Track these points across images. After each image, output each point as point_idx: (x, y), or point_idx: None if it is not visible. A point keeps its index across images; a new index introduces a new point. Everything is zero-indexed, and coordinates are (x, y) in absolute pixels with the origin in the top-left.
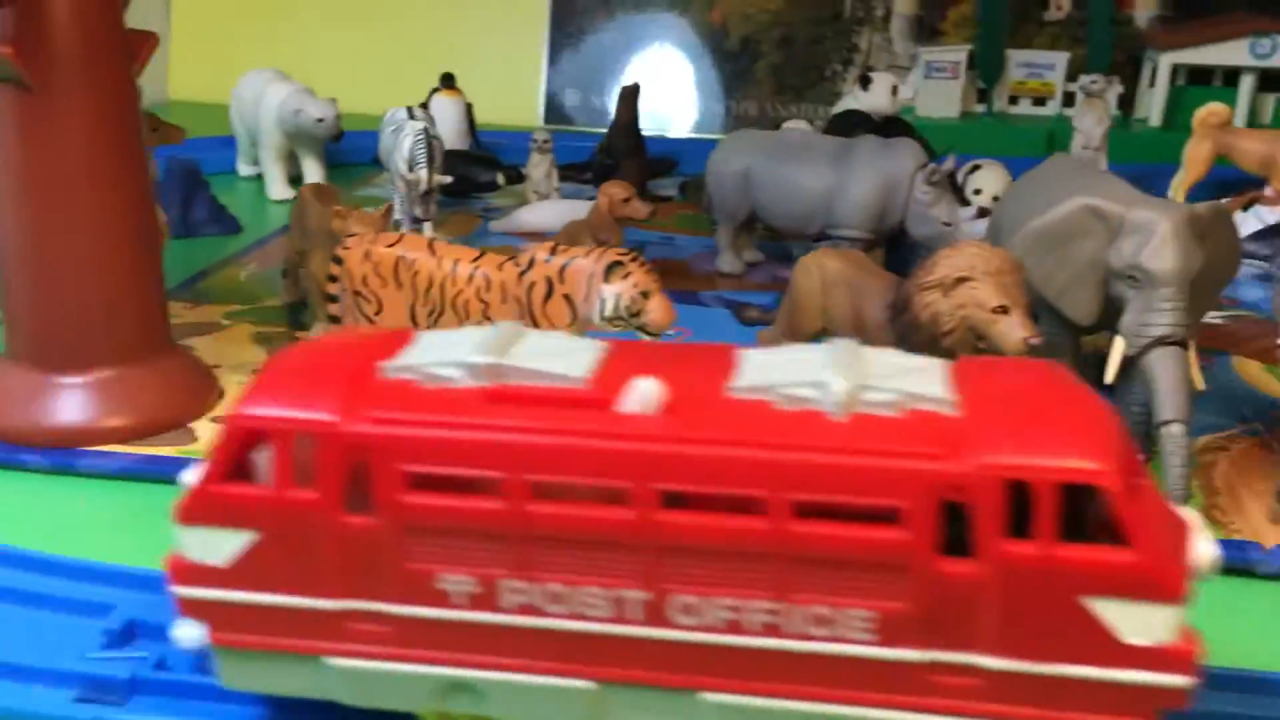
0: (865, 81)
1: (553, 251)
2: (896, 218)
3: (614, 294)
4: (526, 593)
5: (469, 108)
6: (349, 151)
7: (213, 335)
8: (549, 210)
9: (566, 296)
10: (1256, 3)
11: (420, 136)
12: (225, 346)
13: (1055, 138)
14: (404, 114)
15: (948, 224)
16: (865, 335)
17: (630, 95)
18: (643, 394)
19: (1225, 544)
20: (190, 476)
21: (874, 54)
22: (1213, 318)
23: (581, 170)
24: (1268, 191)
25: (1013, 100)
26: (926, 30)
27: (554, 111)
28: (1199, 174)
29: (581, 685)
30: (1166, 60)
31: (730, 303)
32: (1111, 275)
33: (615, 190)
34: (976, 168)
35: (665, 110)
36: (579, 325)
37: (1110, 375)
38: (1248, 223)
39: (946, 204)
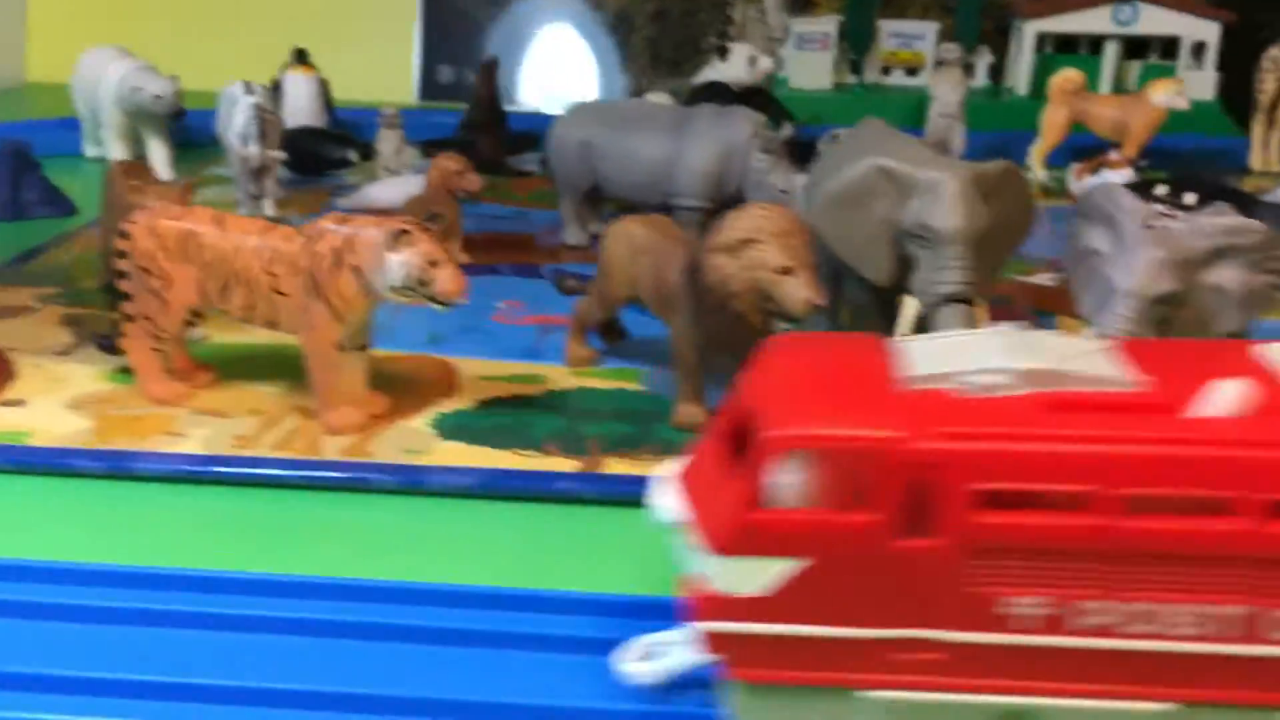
0: (723, 52)
1: (341, 222)
2: (735, 186)
3: (400, 264)
4: (1107, 613)
5: (324, 84)
6: (202, 130)
7: (20, 318)
8: (397, 186)
9: (355, 268)
10: None
11: (252, 112)
12: (30, 329)
13: (925, 107)
14: (240, 89)
15: (784, 191)
16: (666, 301)
17: (488, 69)
18: (1228, 396)
19: None
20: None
21: (749, 26)
22: (1043, 279)
23: (443, 146)
24: (1113, 155)
25: (885, 71)
26: (800, 2)
27: (430, 87)
28: (1055, 140)
29: (1161, 708)
30: (1031, 29)
31: (553, 273)
32: (903, 235)
33: (447, 163)
34: (835, 137)
35: (540, 85)
36: (369, 298)
37: (901, 333)
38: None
39: (783, 171)
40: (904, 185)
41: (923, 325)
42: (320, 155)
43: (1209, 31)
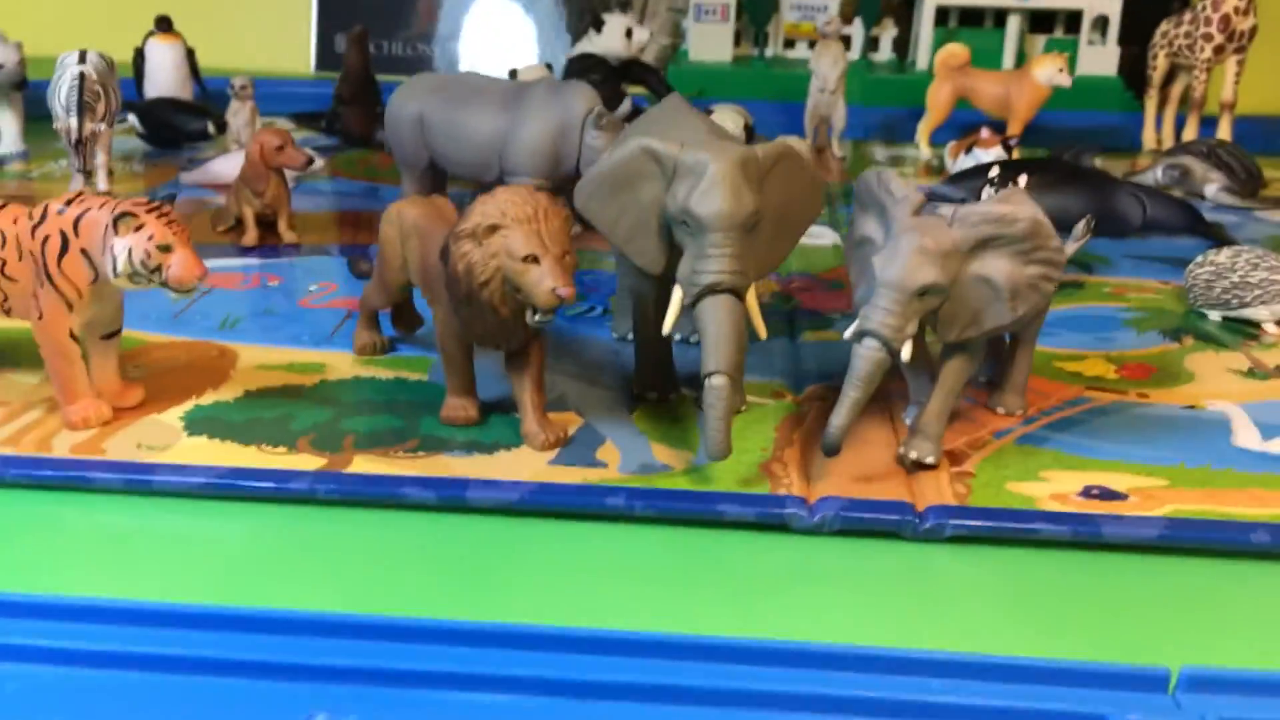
0: (598, 24)
1: (68, 202)
2: (570, 163)
3: (125, 248)
4: None
5: (190, 52)
6: None
7: None
8: (240, 160)
9: (84, 251)
10: None
11: (75, 82)
12: None
13: None
14: (73, 57)
15: None
16: (430, 286)
17: (358, 40)
18: None
19: (765, 499)
20: None
21: None
22: None
23: (315, 119)
24: (984, 133)
25: (789, 44)
26: None
27: (326, 56)
28: (941, 117)
29: None
30: (931, 2)
31: (350, 254)
32: (670, 221)
33: (267, 138)
34: (711, 111)
35: (444, 53)
36: (101, 283)
37: (668, 325)
38: (965, 165)
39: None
40: (669, 168)
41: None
42: (176, 127)
43: (1111, 6)
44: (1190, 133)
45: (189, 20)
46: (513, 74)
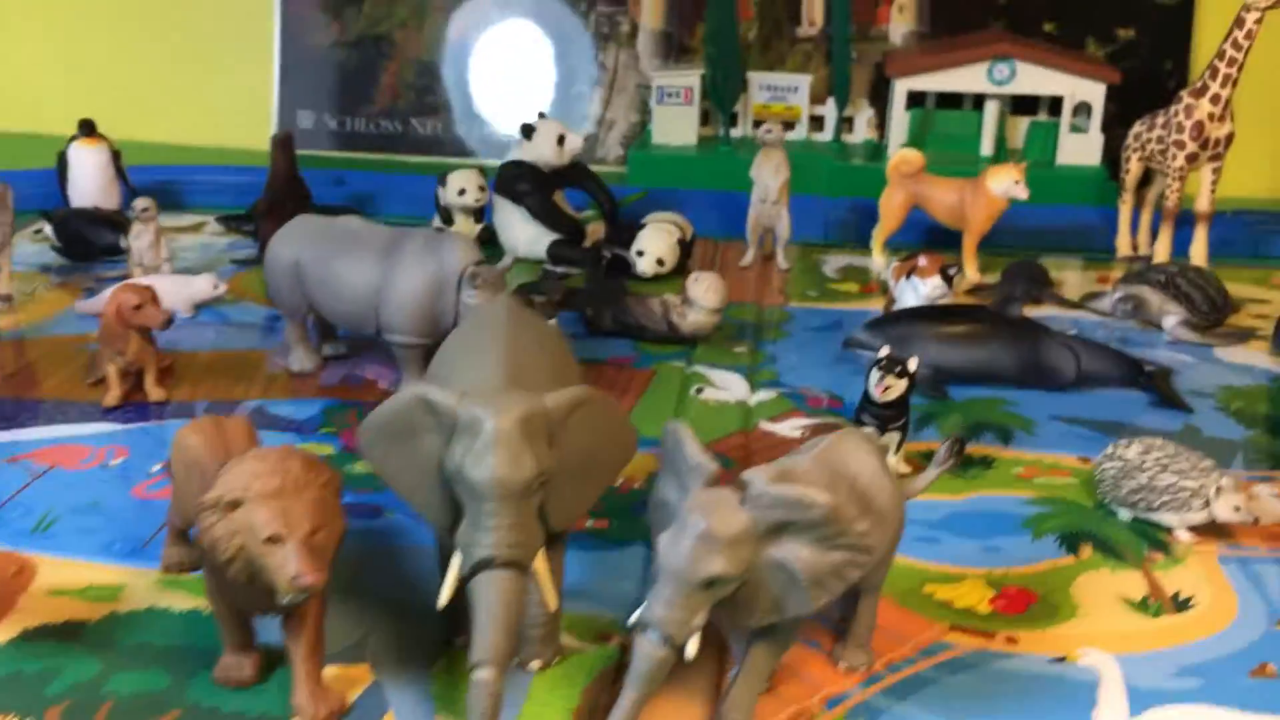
0: (527, 131)
1: None
2: (449, 321)
3: None
4: None
5: (116, 155)
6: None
7: None
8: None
9: None
10: (1015, 17)
11: None
12: None
13: (792, 165)
14: None
15: None
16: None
17: (284, 142)
18: None
19: None
20: None
21: (622, 72)
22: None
23: (243, 221)
24: (921, 261)
25: (759, 124)
26: (675, 48)
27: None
28: (894, 225)
29: None
30: (902, 86)
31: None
32: (449, 480)
33: (125, 296)
34: (641, 225)
35: (409, 132)
36: None
37: (443, 599)
38: (905, 295)
39: None
40: (447, 422)
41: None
42: (90, 240)
43: (1094, 92)
44: (1163, 244)
45: (146, 95)
46: (527, 130)
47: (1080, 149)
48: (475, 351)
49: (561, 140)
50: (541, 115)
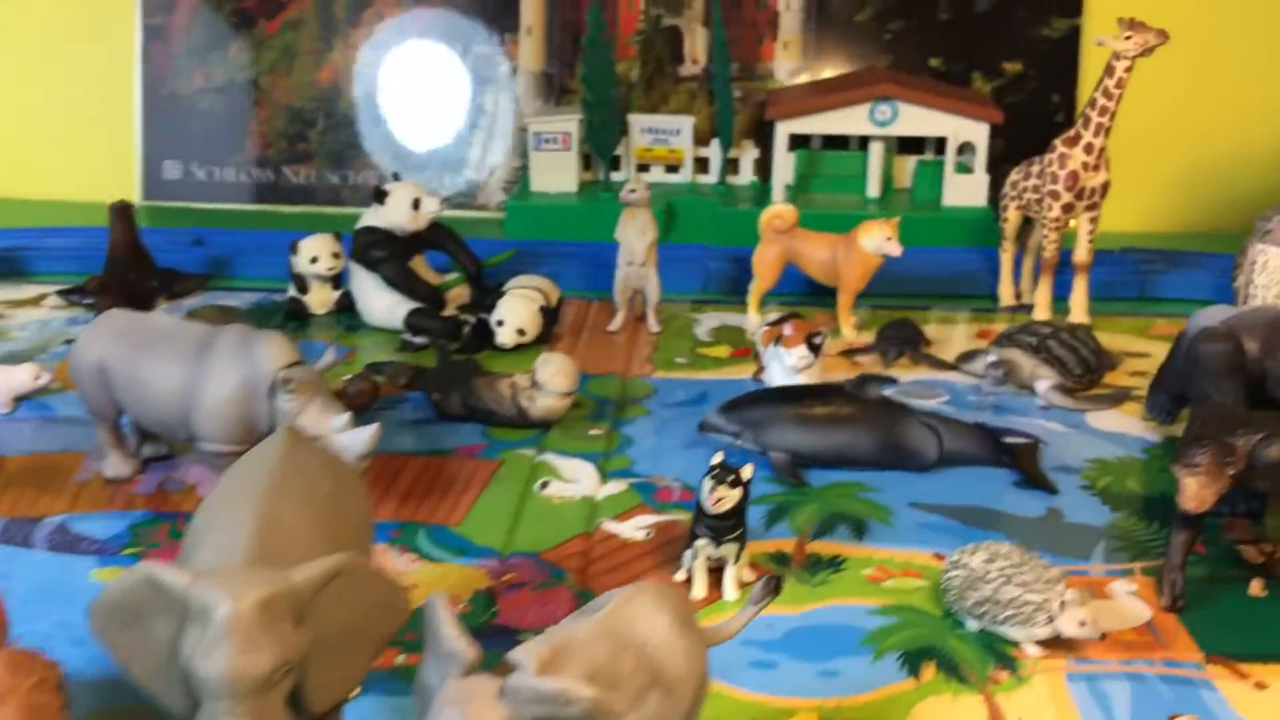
0: (380, 195)
1: None
2: (264, 428)
3: None
4: None
5: None
6: None
7: None
8: None
9: None
10: (900, 53)
11: None
12: None
13: (675, 212)
14: None
15: (316, 438)
16: None
17: (122, 212)
18: None
19: None
20: None
21: (501, 116)
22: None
23: (83, 294)
24: (786, 330)
25: (644, 168)
26: (557, 89)
27: (154, 186)
28: (768, 282)
29: None
30: (784, 130)
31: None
32: (184, 671)
33: None
34: (501, 293)
35: (281, 181)
36: None
37: None
38: (772, 363)
39: (316, 411)
40: (178, 606)
41: None
42: None
43: (977, 132)
44: (1042, 296)
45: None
46: (380, 194)
47: (966, 190)
48: (229, 509)
49: (417, 204)
50: (396, 176)
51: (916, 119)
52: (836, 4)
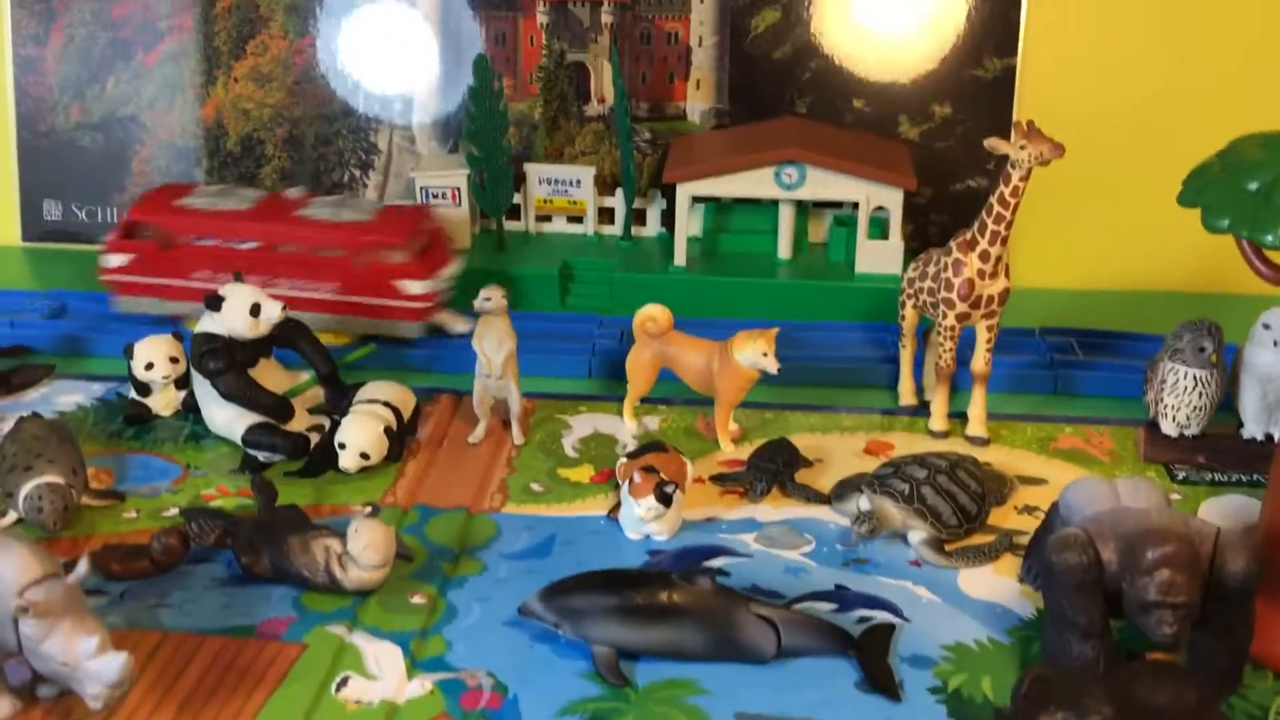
0: (214, 302)
1: None
2: (17, 650)
3: None
4: None
5: None
6: None
7: None
8: None
9: None
10: (821, 93)
11: None
12: None
13: (572, 274)
14: None
15: (64, 664)
16: None
17: None
18: None
19: None
20: None
21: (397, 155)
22: None
23: None
24: (635, 477)
25: (545, 218)
26: (455, 126)
27: (33, 225)
28: (643, 388)
29: None
30: (684, 192)
31: None
32: None
33: None
34: (348, 403)
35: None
36: None
37: None
38: (626, 505)
39: (64, 636)
40: None
41: None
42: None
43: (892, 198)
44: (937, 408)
45: None
46: (214, 301)
47: (880, 256)
48: None
49: (256, 310)
50: (237, 277)
51: (825, 183)
52: (753, 39)
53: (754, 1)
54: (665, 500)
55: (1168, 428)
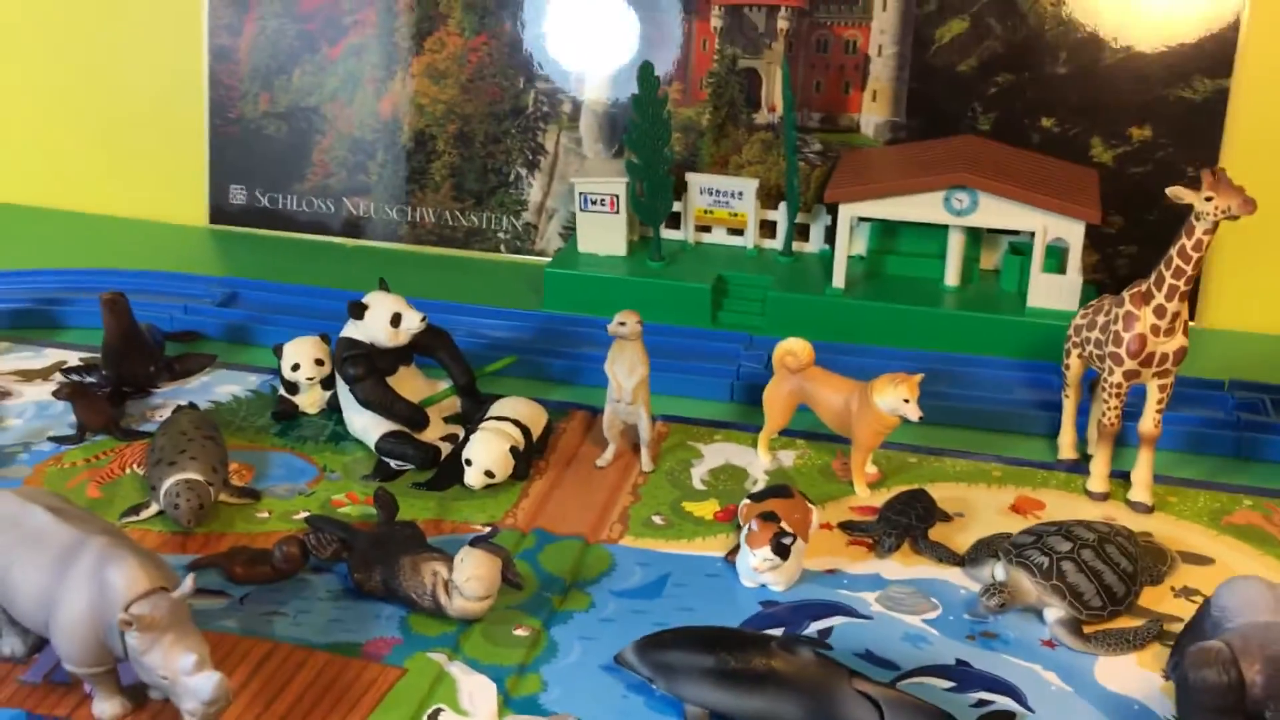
0: (357, 310)
1: None
2: (122, 655)
3: None
4: None
5: None
6: None
7: None
8: None
9: None
10: (1005, 108)
11: None
12: None
13: (725, 289)
14: None
15: (165, 678)
16: None
17: (112, 304)
18: None
19: None
20: None
21: (563, 156)
22: None
23: (87, 372)
24: (753, 525)
25: (705, 229)
26: (621, 129)
27: (221, 210)
28: (779, 423)
29: None
30: (847, 213)
31: None
32: None
33: None
34: (484, 418)
35: (339, 212)
36: None
37: None
38: (743, 554)
39: (164, 650)
40: None
41: None
42: None
43: (1070, 230)
44: (1098, 470)
45: (79, 166)
46: (357, 309)
47: (1055, 292)
48: None
49: (396, 320)
50: (382, 284)
51: (999, 211)
52: (936, 50)
53: (940, 10)
54: (782, 552)
55: None
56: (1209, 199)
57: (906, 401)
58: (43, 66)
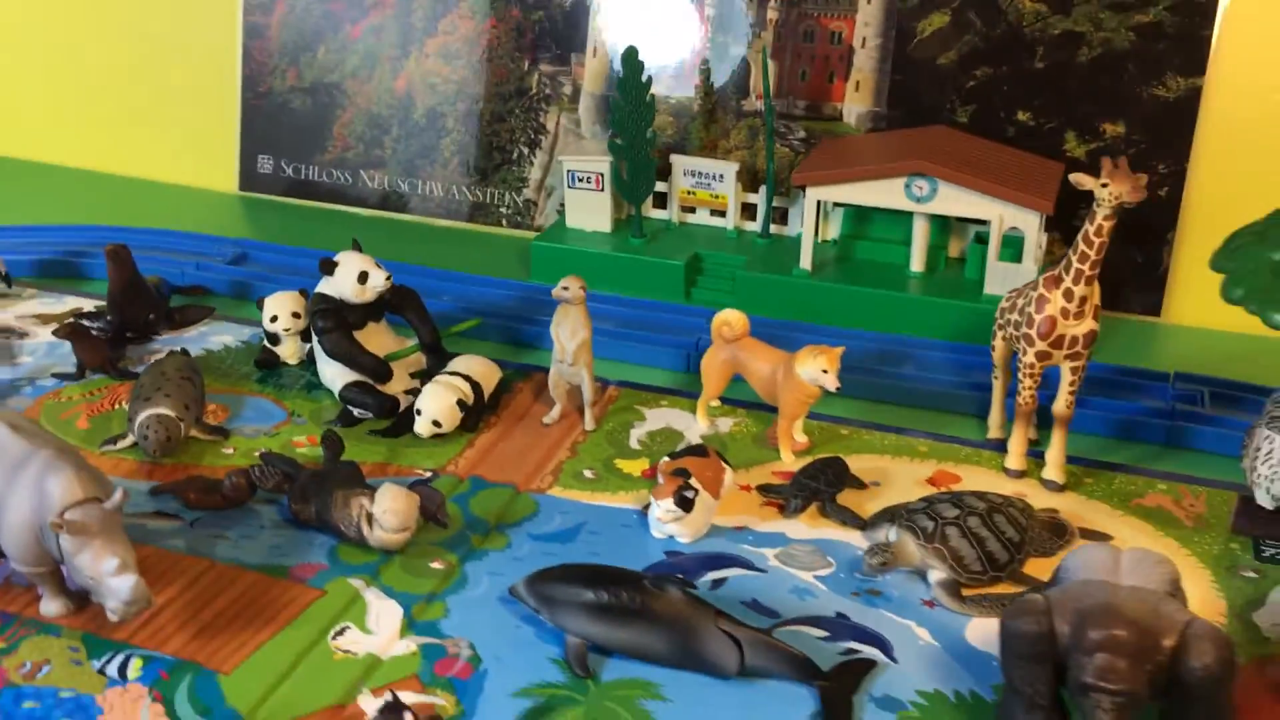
0: (329, 267)
1: None
2: (59, 557)
3: None
4: None
5: None
6: None
7: None
8: None
9: None
10: (983, 102)
11: None
12: None
13: (701, 266)
14: None
15: (91, 578)
16: None
17: (114, 255)
18: None
19: None
20: None
21: (563, 136)
22: None
23: (94, 318)
24: (659, 478)
25: (689, 209)
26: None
27: (251, 177)
28: (715, 390)
29: None
30: (812, 195)
31: None
32: None
33: None
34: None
35: (357, 182)
36: None
37: None
38: (653, 506)
39: (92, 554)
40: None
41: None
42: None
43: (1026, 220)
44: (1014, 447)
45: (127, 138)
46: (328, 265)
47: (1011, 280)
48: None
49: (363, 278)
50: (355, 244)
51: (957, 199)
52: (918, 43)
53: (923, 4)
54: (685, 505)
55: (1262, 499)
56: (1104, 185)
57: (825, 372)
58: (94, 44)
